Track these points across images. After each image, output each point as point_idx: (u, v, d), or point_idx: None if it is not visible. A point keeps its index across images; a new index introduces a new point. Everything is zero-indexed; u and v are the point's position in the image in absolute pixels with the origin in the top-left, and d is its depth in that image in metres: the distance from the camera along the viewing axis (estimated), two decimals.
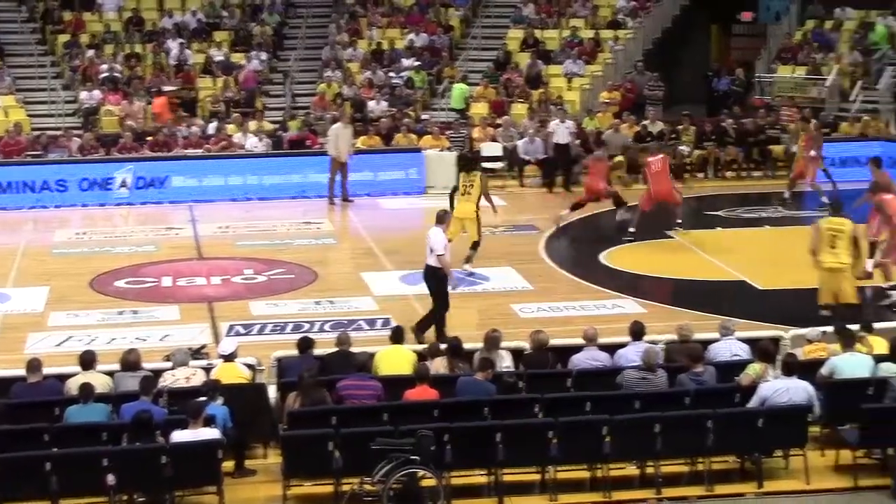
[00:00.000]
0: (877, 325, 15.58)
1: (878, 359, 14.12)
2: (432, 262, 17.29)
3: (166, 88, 31.43)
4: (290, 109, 31.84)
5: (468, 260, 20.98)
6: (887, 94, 32.17)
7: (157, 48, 33.52)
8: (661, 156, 24.01)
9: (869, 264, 18.50)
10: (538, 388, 13.82)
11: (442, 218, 17.82)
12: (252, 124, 29.52)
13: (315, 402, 13.17)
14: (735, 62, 37.29)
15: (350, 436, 12.46)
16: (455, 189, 21.40)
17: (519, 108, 31.74)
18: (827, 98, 32.44)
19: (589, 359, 14.63)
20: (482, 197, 21.03)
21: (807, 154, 26.28)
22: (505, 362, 14.55)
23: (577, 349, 14.82)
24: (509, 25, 36.09)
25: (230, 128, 29.44)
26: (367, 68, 33.53)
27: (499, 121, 30.53)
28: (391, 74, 33.38)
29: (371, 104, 31.72)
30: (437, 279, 17.31)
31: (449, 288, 17.34)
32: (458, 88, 32.41)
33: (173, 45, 33.68)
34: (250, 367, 14.44)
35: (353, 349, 14.75)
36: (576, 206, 24.21)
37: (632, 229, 23.36)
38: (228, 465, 12.98)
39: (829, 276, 17.34)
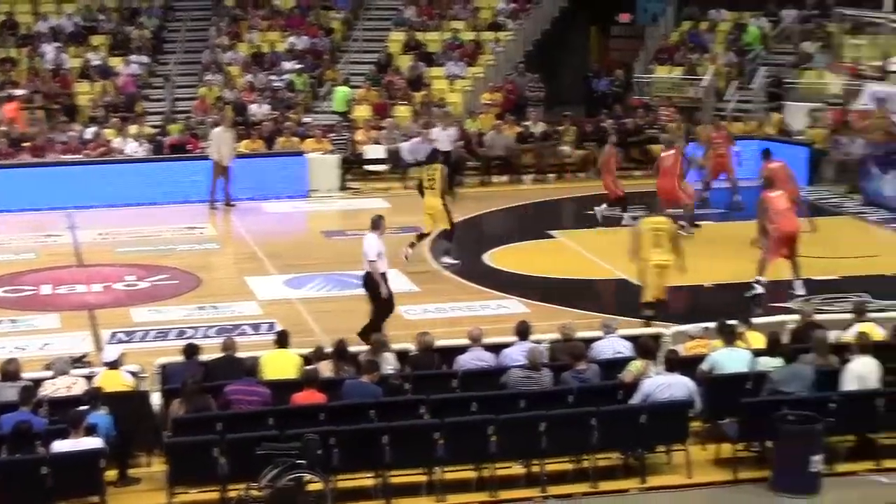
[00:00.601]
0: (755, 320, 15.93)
1: (757, 353, 14.42)
2: (367, 268, 17.26)
3: (17, 93, 30.80)
4: (171, 113, 31.50)
5: (447, 252, 21.44)
6: (761, 94, 32.83)
7: (33, 52, 32.91)
8: (672, 151, 24.09)
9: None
10: (424, 389, 13.88)
11: (376, 224, 17.71)
12: (132, 129, 29.15)
13: (199, 409, 13.07)
14: (614, 63, 37.76)
15: (235, 441, 12.40)
16: (420, 183, 21.74)
17: (401, 111, 31.78)
18: (703, 98, 33.01)
19: (474, 359, 14.72)
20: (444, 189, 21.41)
21: (725, 150, 26.48)
22: (390, 364, 14.57)
23: (462, 350, 14.90)
24: (390, 28, 36.10)
25: (109, 132, 29.05)
26: (248, 71, 33.29)
27: (383, 123, 30.54)
28: (272, 77, 33.20)
29: (253, 107, 31.49)
30: (373, 284, 17.27)
31: (382, 293, 17.28)
32: (341, 91, 32.35)
33: (49, 49, 33.08)
34: (133, 374, 14.28)
35: (240, 354, 14.67)
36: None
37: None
38: (112, 473, 12.82)
39: (657, 272, 17.76)
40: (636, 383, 13.54)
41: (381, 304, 17.32)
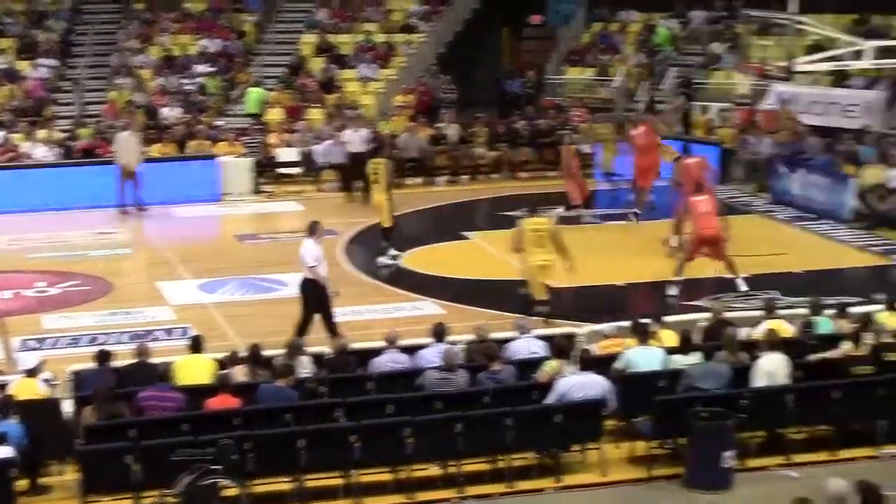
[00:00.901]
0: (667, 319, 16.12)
1: (670, 351, 14.59)
2: (307, 274, 17.18)
3: None
4: (81, 118, 31.13)
5: (381, 253, 21.85)
6: (671, 95, 33.18)
7: None
8: (641, 129, 24.48)
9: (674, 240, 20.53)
10: (340, 392, 13.85)
11: (313, 229, 17.54)
12: (41, 133, 28.78)
13: (112, 416, 12.94)
14: (526, 64, 37.96)
15: (149, 448, 12.29)
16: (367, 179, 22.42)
17: (314, 113, 31.69)
18: (615, 98, 33.32)
19: (390, 361, 14.73)
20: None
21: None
22: (306, 368, 14.53)
23: (378, 352, 14.91)
24: (302, 30, 36.00)
25: (17, 137, 28.62)
26: (159, 75, 33.02)
27: (295, 126, 30.44)
28: (184, 80, 32.94)
29: (164, 111, 31.22)
30: (313, 291, 17.15)
31: (330, 294, 17.21)
32: (255, 93, 32.21)
33: None
34: (46, 381, 14.10)
35: (154, 360, 14.56)
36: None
37: (637, 211, 24.39)
38: (23, 483, 12.64)
39: (540, 272, 18.11)
40: (551, 383, 13.63)
41: (326, 307, 17.22)
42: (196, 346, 14.79)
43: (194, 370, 14.33)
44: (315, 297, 17.15)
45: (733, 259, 19.79)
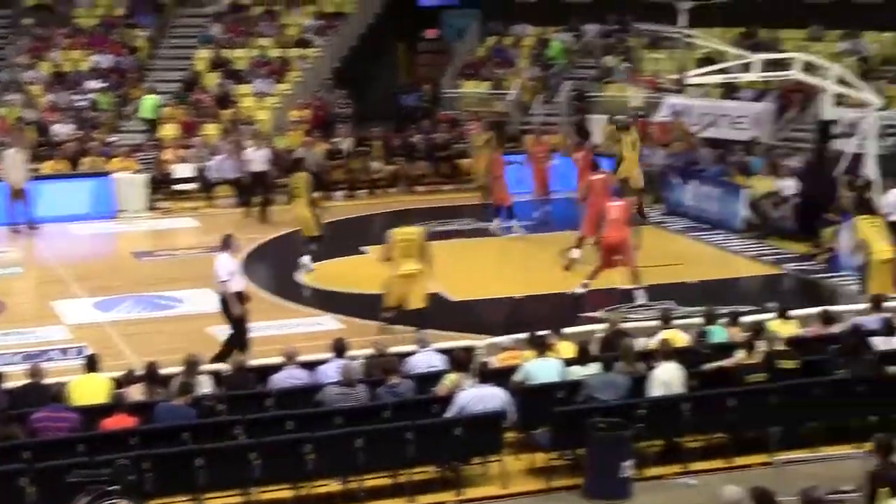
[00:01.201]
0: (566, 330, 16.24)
1: (568, 362, 14.70)
2: (219, 288, 17.03)
3: None
4: None
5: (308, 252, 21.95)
6: (565, 107, 33.47)
7: None
8: (583, 152, 25.58)
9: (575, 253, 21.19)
10: (239, 409, 13.76)
11: (227, 243, 17.46)
12: None
13: (5, 438, 12.72)
14: (422, 78, 38.07)
15: (44, 470, 12.08)
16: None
17: (210, 129, 31.46)
18: (511, 112, 33.53)
19: (289, 377, 14.66)
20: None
21: (547, 163, 27.04)
22: (205, 386, 14.40)
23: (276, 368, 14.84)
24: (197, 45, 35.74)
25: None
26: (50, 91, 32.56)
27: (191, 142, 30.19)
28: (75, 97, 32.49)
29: (56, 127, 30.79)
30: (227, 306, 17.05)
31: (234, 312, 17.07)
32: (150, 99, 31.93)
33: None
34: None
35: (49, 380, 14.33)
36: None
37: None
38: None
39: (404, 281, 18.39)
40: (451, 396, 13.66)
41: (237, 325, 17.09)
42: (91, 365, 14.60)
43: (89, 390, 14.14)
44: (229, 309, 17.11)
45: (639, 270, 20.04)
